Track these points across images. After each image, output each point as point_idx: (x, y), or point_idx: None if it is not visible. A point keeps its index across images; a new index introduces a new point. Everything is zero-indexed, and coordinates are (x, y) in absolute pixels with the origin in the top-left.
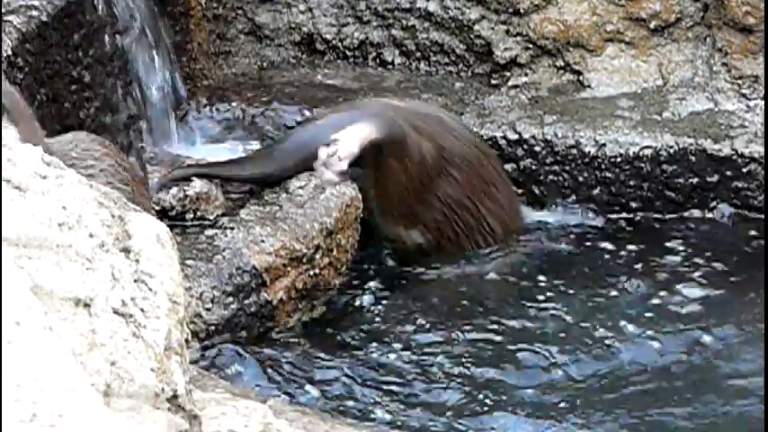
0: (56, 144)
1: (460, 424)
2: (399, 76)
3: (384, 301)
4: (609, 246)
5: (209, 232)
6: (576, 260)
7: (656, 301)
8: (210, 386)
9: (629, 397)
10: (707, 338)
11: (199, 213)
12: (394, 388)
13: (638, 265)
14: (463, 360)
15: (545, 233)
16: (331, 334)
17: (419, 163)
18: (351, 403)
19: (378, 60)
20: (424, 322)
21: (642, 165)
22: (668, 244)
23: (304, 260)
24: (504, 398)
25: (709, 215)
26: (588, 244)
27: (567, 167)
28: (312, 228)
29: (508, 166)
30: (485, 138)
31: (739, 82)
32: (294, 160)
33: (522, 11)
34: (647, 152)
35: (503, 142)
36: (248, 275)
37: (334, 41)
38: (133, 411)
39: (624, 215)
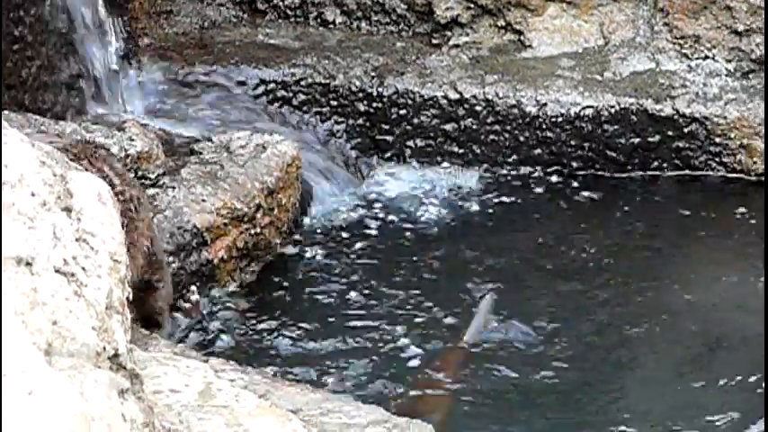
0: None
1: (400, 383)
2: (340, 36)
3: (325, 262)
4: (548, 206)
5: (150, 191)
6: (517, 219)
7: (596, 261)
8: (152, 345)
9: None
10: (641, 300)
11: (140, 173)
12: (332, 350)
13: (580, 224)
14: (403, 320)
15: (488, 193)
16: (271, 294)
17: None
18: (288, 364)
19: (319, 20)
20: (365, 283)
21: (583, 125)
22: (610, 204)
23: (245, 219)
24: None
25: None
26: (529, 204)
27: (508, 127)
28: (253, 187)
29: (449, 126)
30: (426, 98)
31: (681, 42)
32: None
33: None
34: (588, 112)
35: (444, 102)
36: (189, 234)
37: (275, 1)
38: (74, 370)
39: (565, 175)
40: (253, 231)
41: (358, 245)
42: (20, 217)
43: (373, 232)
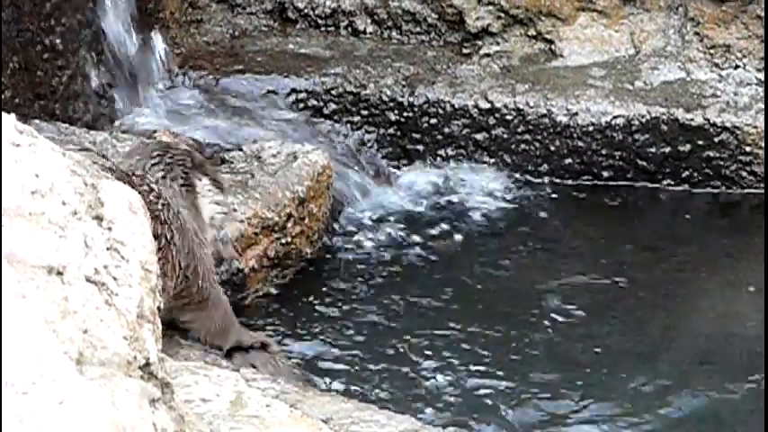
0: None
1: (430, 395)
2: (371, 45)
3: (356, 272)
4: (580, 215)
5: None
6: (546, 229)
7: (624, 270)
8: (183, 354)
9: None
10: (672, 309)
11: None
12: (364, 359)
13: (610, 234)
14: (435, 330)
15: (518, 202)
16: (302, 303)
17: None
18: (320, 374)
19: (350, 29)
20: (397, 293)
21: (614, 134)
22: (640, 213)
23: (276, 229)
24: (481, 366)
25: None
26: (559, 213)
27: (539, 136)
28: (284, 196)
29: (480, 135)
30: (456, 107)
31: (711, 51)
32: None
33: None
34: (619, 121)
35: (474, 111)
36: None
37: (305, 10)
38: (105, 379)
39: (596, 184)
40: (283, 241)
41: (390, 254)
42: (51, 226)
43: (405, 242)
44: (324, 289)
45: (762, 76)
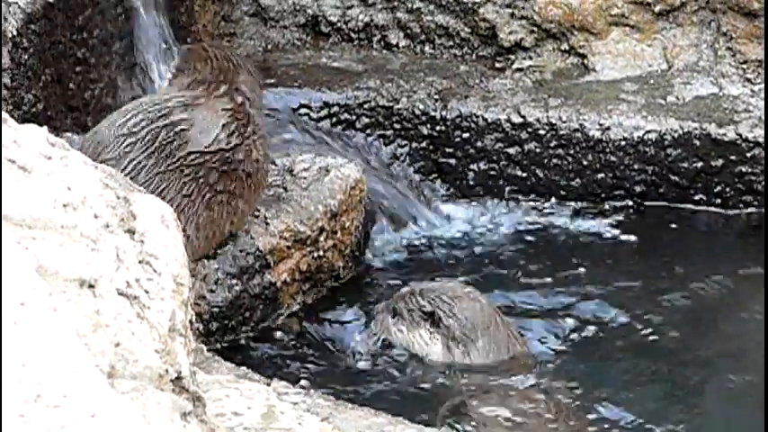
0: None
1: (460, 410)
2: (404, 59)
3: (388, 286)
4: (613, 230)
5: None
6: (578, 244)
7: (657, 286)
8: (214, 368)
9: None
10: (703, 324)
11: None
12: (399, 374)
13: (642, 250)
14: None
15: (550, 216)
16: (334, 316)
17: None
18: (352, 388)
19: (382, 43)
20: None
21: (646, 149)
22: (672, 228)
23: (308, 242)
24: (513, 383)
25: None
26: (592, 228)
27: (572, 151)
28: (316, 210)
29: (512, 150)
30: (489, 121)
31: (744, 66)
32: None
33: None
34: (652, 136)
35: (507, 126)
36: (252, 257)
37: (338, 24)
38: (137, 392)
39: (628, 199)
40: (316, 254)
41: (422, 268)
42: (82, 239)
43: (437, 256)
44: (356, 302)
45: None
